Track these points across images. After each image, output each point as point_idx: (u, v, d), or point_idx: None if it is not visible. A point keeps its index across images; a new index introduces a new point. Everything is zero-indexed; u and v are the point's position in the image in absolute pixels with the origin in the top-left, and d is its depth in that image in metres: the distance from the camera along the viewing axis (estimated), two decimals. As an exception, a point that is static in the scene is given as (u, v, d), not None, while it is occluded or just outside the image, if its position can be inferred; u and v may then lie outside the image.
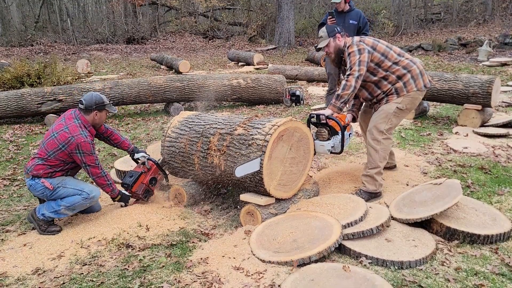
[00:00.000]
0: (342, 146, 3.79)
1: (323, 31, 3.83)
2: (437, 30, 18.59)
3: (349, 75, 3.62)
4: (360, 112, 4.20)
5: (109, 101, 3.67)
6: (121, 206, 3.81)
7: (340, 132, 3.75)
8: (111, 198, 3.71)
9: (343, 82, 3.65)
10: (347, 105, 3.84)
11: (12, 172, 5.05)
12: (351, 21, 5.85)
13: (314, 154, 3.83)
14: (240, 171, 3.23)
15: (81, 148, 3.36)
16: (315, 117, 3.77)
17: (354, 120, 4.11)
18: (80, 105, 3.51)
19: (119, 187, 3.80)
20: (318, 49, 3.95)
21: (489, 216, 3.20)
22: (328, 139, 3.78)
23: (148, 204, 3.88)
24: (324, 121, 3.72)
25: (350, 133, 4.01)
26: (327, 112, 3.70)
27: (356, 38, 3.74)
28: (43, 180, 3.40)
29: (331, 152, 3.81)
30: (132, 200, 3.89)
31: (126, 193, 3.78)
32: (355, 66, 3.59)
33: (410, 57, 3.75)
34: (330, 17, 5.69)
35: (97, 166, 3.47)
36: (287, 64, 14.32)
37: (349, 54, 3.67)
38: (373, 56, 3.65)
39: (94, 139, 3.65)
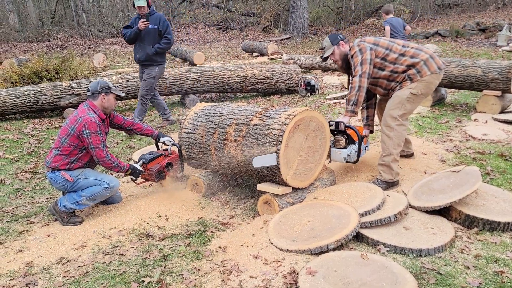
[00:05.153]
0: (358, 156, 3.85)
1: (326, 41, 3.87)
2: (455, 16, 18.17)
3: (353, 76, 3.69)
4: (377, 103, 4.20)
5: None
6: (132, 179, 3.86)
7: (357, 142, 3.81)
8: (123, 174, 3.79)
9: (350, 85, 3.73)
10: (358, 107, 3.75)
11: (34, 165, 5.18)
12: (150, 26, 5.93)
13: (329, 162, 3.93)
14: (258, 162, 3.26)
15: (87, 127, 3.42)
16: (334, 125, 3.82)
17: (371, 132, 4.19)
18: (87, 93, 3.61)
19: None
20: (325, 59, 3.94)
21: (509, 203, 3.16)
22: (345, 147, 3.84)
23: (167, 195, 3.93)
24: (343, 129, 3.78)
25: (367, 146, 4.08)
26: (345, 119, 3.77)
27: (357, 40, 3.77)
28: (63, 172, 3.49)
29: (346, 161, 3.87)
30: (141, 180, 3.92)
31: (138, 167, 3.80)
32: (358, 67, 3.65)
33: (416, 46, 3.75)
34: (144, 20, 5.80)
35: (102, 149, 3.52)
36: (302, 53, 14.21)
37: (352, 56, 3.74)
38: (377, 51, 3.69)
39: (108, 129, 3.74)
